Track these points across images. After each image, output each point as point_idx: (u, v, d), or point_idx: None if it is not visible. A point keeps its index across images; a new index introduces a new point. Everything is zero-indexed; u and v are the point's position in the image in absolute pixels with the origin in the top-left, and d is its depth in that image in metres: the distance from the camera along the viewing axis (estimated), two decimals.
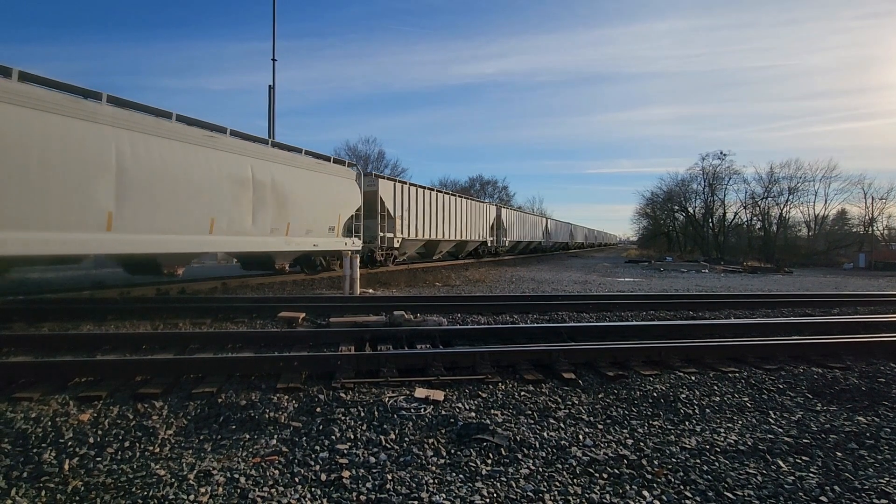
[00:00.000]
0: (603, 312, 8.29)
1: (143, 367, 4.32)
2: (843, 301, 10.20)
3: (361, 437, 3.18)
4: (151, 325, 6.79)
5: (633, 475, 2.78)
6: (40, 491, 2.52)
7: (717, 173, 45.76)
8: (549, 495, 2.55)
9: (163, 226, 8.49)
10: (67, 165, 7.01)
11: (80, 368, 4.24)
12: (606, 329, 6.47)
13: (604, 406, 3.89)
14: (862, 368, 5.04)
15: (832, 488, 2.68)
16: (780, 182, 43.58)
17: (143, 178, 8.08)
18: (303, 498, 2.49)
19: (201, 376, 4.27)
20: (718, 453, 3.09)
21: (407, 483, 2.63)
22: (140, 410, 3.55)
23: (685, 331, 6.45)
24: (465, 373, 4.54)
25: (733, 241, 47.09)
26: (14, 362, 4.50)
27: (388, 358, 4.63)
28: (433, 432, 3.27)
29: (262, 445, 3.07)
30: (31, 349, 5.22)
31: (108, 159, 7.54)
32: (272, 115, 19.45)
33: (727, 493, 2.60)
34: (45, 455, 2.88)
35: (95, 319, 6.97)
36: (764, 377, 4.69)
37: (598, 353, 5.04)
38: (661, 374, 4.66)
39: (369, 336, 5.77)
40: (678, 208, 52.89)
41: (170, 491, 2.50)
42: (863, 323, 7.33)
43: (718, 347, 5.39)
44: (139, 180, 8.03)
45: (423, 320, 6.93)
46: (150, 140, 8.29)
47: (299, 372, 4.37)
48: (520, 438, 3.18)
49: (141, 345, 5.42)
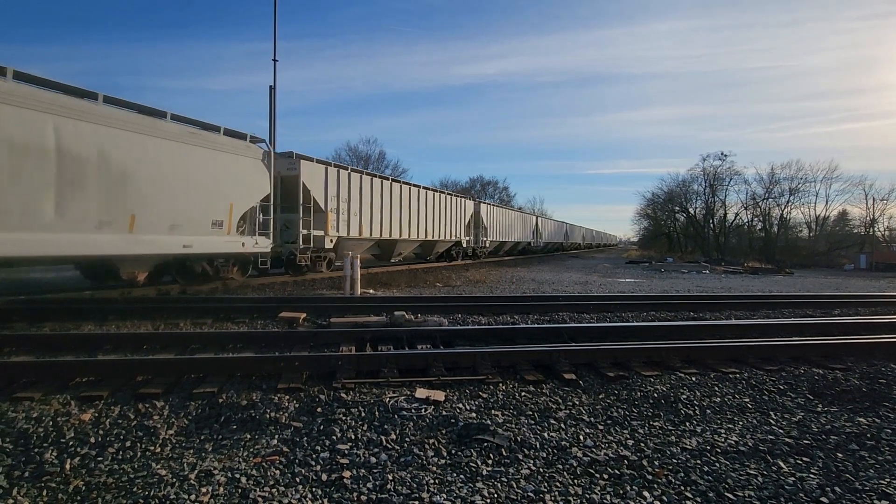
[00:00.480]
0: (604, 313, 8.28)
1: (145, 366, 4.33)
2: (843, 302, 10.20)
3: (362, 438, 3.18)
4: (152, 325, 6.80)
5: (634, 476, 2.78)
6: (42, 490, 2.52)
7: (718, 174, 45.90)
8: (549, 496, 2.55)
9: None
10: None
11: (81, 368, 4.25)
12: (607, 330, 6.47)
13: (604, 407, 3.89)
14: (863, 369, 5.04)
15: (833, 489, 2.68)
16: (780, 183, 43.72)
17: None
18: (304, 498, 2.49)
19: (202, 376, 4.27)
20: (719, 454, 3.09)
21: (408, 483, 2.63)
22: (141, 410, 3.55)
23: (686, 331, 6.45)
24: (465, 373, 4.54)
25: (734, 242, 47.12)
26: (15, 362, 4.51)
27: (388, 358, 4.63)
28: (434, 433, 3.27)
29: (263, 445, 3.07)
30: (33, 349, 5.22)
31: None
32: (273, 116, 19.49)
33: (728, 494, 2.60)
34: (46, 455, 2.88)
35: (96, 319, 6.97)
36: (765, 378, 4.69)
37: (598, 353, 5.04)
38: (662, 375, 4.66)
39: (370, 336, 5.77)
40: (679, 209, 52.96)
41: (171, 491, 2.51)
42: (864, 324, 7.33)
43: (719, 348, 5.38)
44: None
45: (423, 321, 6.94)
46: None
47: (300, 372, 4.37)
48: (520, 439, 3.18)
49: (142, 345, 5.42)
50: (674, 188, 52.50)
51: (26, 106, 6.85)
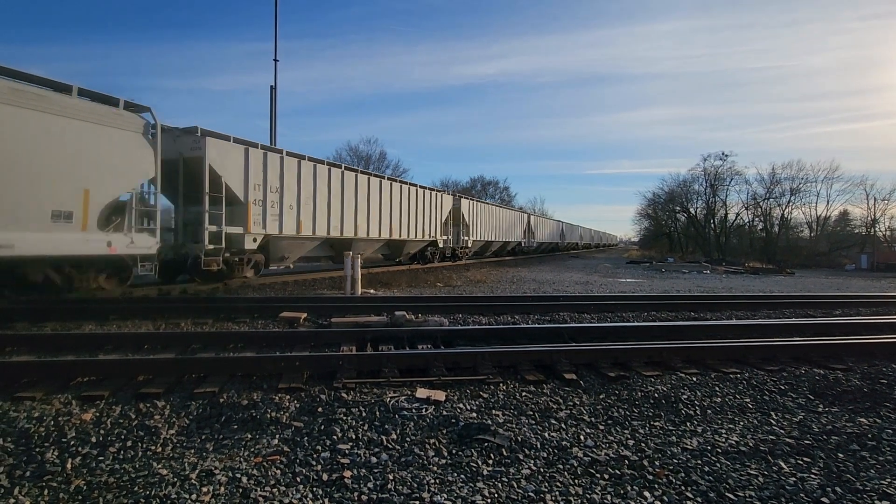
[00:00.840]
0: (604, 313, 8.28)
1: (146, 366, 4.33)
2: (844, 302, 10.18)
3: (363, 437, 3.18)
4: (153, 324, 6.81)
5: (635, 476, 2.78)
6: (43, 490, 2.53)
7: (719, 174, 45.84)
8: (550, 496, 2.55)
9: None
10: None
11: (82, 368, 4.26)
12: (608, 330, 6.46)
13: (605, 407, 3.89)
14: (864, 370, 5.03)
15: (834, 489, 2.68)
16: (781, 183, 43.69)
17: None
18: (304, 498, 2.49)
19: (203, 376, 4.28)
20: (720, 454, 3.09)
21: (408, 483, 2.63)
22: (142, 410, 3.56)
23: (686, 332, 6.45)
24: (466, 373, 4.55)
25: (735, 242, 47.10)
26: (17, 362, 4.51)
27: (389, 358, 4.64)
28: (434, 432, 3.27)
29: (263, 445, 3.07)
30: (34, 349, 5.23)
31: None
32: (274, 116, 19.50)
33: (728, 494, 2.60)
34: (47, 454, 2.89)
35: (97, 319, 6.98)
36: (765, 378, 4.69)
37: (599, 353, 5.04)
38: (663, 375, 4.65)
39: (371, 336, 5.77)
40: (680, 209, 52.91)
41: (172, 490, 2.51)
42: (864, 324, 7.32)
43: (720, 348, 5.38)
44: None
45: (424, 321, 6.94)
46: None
47: (301, 372, 4.37)
48: (521, 439, 3.18)
49: (143, 344, 5.43)
50: (675, 188, 52.53)
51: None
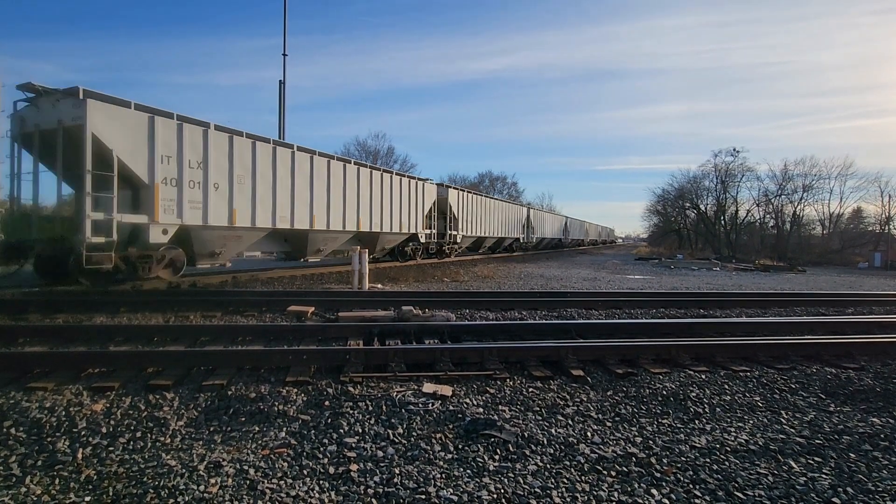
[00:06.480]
0: (612, 310, 8.23)
1: (155, 358, 4.37)
2: (857, 301, 10.04)
3: (369, 431, 3.19)
4: (163, 317, 6.87)
5: (642, 473, 2.76)
6: (54, 479, 2.56)
7: (730, 170, 45.27)
8: (556, 492, 2.54)
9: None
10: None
11: (93, 359, 4.31)
12: (615, 326, 6.43)
13: (612, 404, 3.87)
14: (877, 369, 4.96)
15: (845, 490, 2.64)
16: (794, 179, 43.09)
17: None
18: (311, 490, 2.50)
19: (212, 368, 4.31)
20: (729, 453, 3.06)
21: (414, 477, 2.63)
22: (152, 401, 3.59)
23: (695, 329, 6.39)
24: (473, 368, 4.54)
25: (745, 240, 46.56)
26: (29, 352, 4.57)
27: (396, 353, 4.64)
28: (441, 427, 3.27)
29: (271, 438, 3.09)
30: (46, 340, 5.30)
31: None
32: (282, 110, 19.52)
33: (737, 493, 2.58)
34: (58, 444, 2.92)
35: (108, 311, 7.06)
36: (776, 377, 4.63)
37: (606, 350, 5.00)
38: (671, 373, 4.62)
39: (378, 331, 5.78)
40: (690, 205, 52.38)
41: (180, 481, 2.53)
42: (877, 323, 7.22)
43: (729, 346, 5.32)
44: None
45: (431, 315, 6.93)
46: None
47: (308, 365, 4.39)
48: (528, 435, 3.17)
49: (153, 337, 5.48)
50: (684, 184, 52.00)
51: None
